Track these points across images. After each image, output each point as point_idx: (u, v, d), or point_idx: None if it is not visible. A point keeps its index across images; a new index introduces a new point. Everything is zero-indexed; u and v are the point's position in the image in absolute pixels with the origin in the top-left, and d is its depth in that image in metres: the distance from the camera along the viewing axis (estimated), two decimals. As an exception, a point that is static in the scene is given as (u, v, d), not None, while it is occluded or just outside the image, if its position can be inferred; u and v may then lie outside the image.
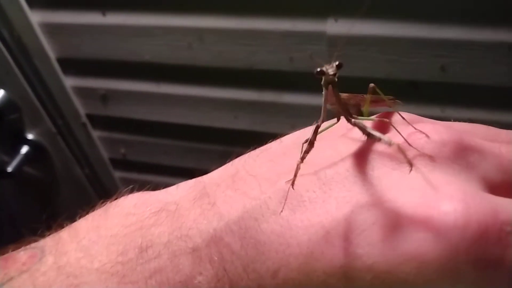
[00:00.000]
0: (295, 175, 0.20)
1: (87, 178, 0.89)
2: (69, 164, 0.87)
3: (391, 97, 0.26)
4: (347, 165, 0.21)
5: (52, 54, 0.72)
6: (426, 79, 0.57)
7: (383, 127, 0.24)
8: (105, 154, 0.86)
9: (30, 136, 0.85)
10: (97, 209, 0.25)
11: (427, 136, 0.21)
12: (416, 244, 0.17)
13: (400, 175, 0.19)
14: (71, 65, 0.74)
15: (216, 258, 0.21)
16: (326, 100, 0.23)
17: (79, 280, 0.21)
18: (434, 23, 0.53)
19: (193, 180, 0.26)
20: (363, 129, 0.21)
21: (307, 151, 0.21)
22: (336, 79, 0.22)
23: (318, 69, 0.22)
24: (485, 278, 0.17)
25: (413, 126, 0.21)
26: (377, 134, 0.20)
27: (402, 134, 0.21)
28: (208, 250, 0.21)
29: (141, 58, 0.68)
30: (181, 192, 0.25)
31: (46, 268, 0.22)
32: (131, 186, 0.27)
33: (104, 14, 0.65)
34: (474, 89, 0.57)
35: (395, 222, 0.17)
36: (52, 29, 0.70)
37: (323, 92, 0.23)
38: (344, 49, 0.57)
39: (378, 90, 0.26)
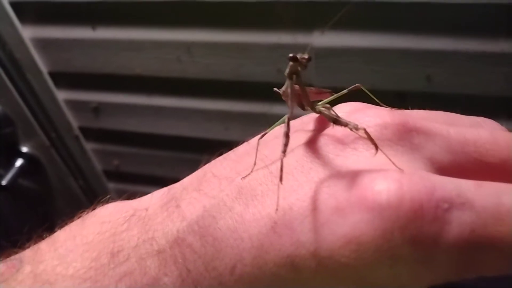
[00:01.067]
0: (281, 170, 0.20)
1: (81, 190, 0.90)
2: (63, 176, 0.88)
3: (329, 90, 0.27)
4: (297, 157, 0.21)
5: (44, 68, 0.73)
6: (412, 89, 0.58)
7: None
8: (98, 165, 0.87)
9: (24, 149, 0.85)
10: (75, 220, 0.26)
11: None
12: (352, 226, 0.17)
13: (342, 161, 0.20)
14: (63, 79, 0.75)
15: (180, 259, 0.21)
16: (292, 91, 0.24)
17: (53, 287, 0.22)
18: (419, 34, 0.54)
19: (166, 187, 0.26)
20: (328, 117, 0.21)
21: (285, 144, 0.21)
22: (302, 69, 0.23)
23: (291, 55, 0.23)
24: (424, 258, 0.16)
25: (340, 121, 0.21)
26: (343, 120, 0.20)
27: (352, 119, 0.21)
28: (172, 252, 0.21)
29: (132, 71, 0.69)
30: (154, 199, 0.25)
31: (23, 276, 0.23)
32: (108, 196, 0.27)
33: (94, 29, 0.66)
34: (460, 98, 0.58)
35: (334, 206, 0.18)
36: (43, 44, 0.71)
37: (288, 83, 0.24)
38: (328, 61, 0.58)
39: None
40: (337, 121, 0.20)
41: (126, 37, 0.65)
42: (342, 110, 0.24)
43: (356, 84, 0.26)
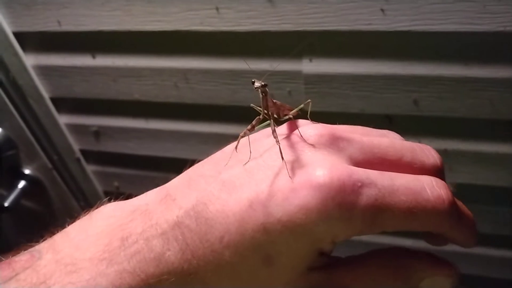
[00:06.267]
0: (238, 141, 0.31)
1: (83, 210, 0.91)
2: (65, 197, 0.90)
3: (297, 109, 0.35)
4: (264, 158, 0.29)
5: (46, 94, 0.76)
6: (400, 112, 0.60)
7: (292, 125, 0.33)
8: (99, 187, 0.89)
9: (26, 171, 0.87)
10: (82, 216, 0.31)
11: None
12: (303, 199, 0.25)
13: (295, 160, 0.28)
14: (64, 104, 0.77)
15: (180, 237, 0.27)
16: (261, 102, 0.33)
17: (76, 267, 0.26)
18: (404, 60, 0.56)
19: (158, 188, 0.32)
20: (272, 129, 0.30)
21: (249, 129, 0.31)
22: (265, 91, 0.33)
23: (252, 80, 0.32)
24: (347, 217, 0.25)
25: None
26: (276, 136, 0.29)
27: (300, 132, 0.29)
28: (173, 232, 0.27)
29: (131, 97, 0.71)
30: (149, 197, 0.31)
31: (46, 262, 0.27)
32: (107, 198, 0.32)
33: (94, 57, 0.69)
34: (446, 121, 0.60)
35: (291, 188, 0.26)
36: (45, 71, 0.73)
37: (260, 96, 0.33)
38: (318, 87, 0.60)
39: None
40: (274, 134, 0.30)
41: (125, 64, 0.68)
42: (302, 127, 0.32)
43: (308, 100, 0.37)
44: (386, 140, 0.30)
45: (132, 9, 0.61)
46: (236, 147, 0.31)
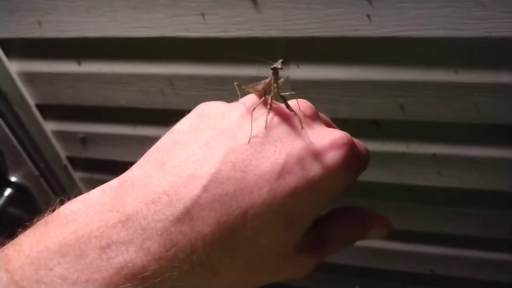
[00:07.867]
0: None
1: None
2: (53, 205, 0.88)
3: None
4: (265, 133, 0.29)
5: (31, 101, 0.75)
6: (387, 117, 0.60)
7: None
8: (87, 194, 0.88)
9: (13, 179, 0.86)
10: (35, 224, 0.25)
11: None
12: (330, 158, 0.28)
13: (311, 131, 0.31)
14: (50, 111, 0.76)
15: (187, 230, 0.24)
16: (273, 83, 0.34)
17: (49, 287, 0.22)
18: (390, 65, 0.56)
19: (115, 182, 0.28)
20: (285, 101, 0.32)
21: (269, 109, 0.31)
22: (279, 71, 0.34)
23: (273, 65, 0.34)
24: (357, 162, 0.30)
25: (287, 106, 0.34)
26: (291, 107, 0.32)
27: (299, 106, 0.33)
28: (176, 228, 0.24)
29: (117, 103, 0.70)
30: (110, 193, 0.27)
31: (3, 284, 0.22)
32: (59, 198, 0.27)
33: (79, 63, 0.68)
34: (434, 126, 0.60)
35: (315, 152, 0.28)
36: (30, 78, 0.72)
37: (272, 77, 0.34)
38: (306, 92, 0.60)
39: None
40: (289, 107, 0.32)
41: (110, 71, 0.67)
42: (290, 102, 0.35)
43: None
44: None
45: (117, 15, 0.61)
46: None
